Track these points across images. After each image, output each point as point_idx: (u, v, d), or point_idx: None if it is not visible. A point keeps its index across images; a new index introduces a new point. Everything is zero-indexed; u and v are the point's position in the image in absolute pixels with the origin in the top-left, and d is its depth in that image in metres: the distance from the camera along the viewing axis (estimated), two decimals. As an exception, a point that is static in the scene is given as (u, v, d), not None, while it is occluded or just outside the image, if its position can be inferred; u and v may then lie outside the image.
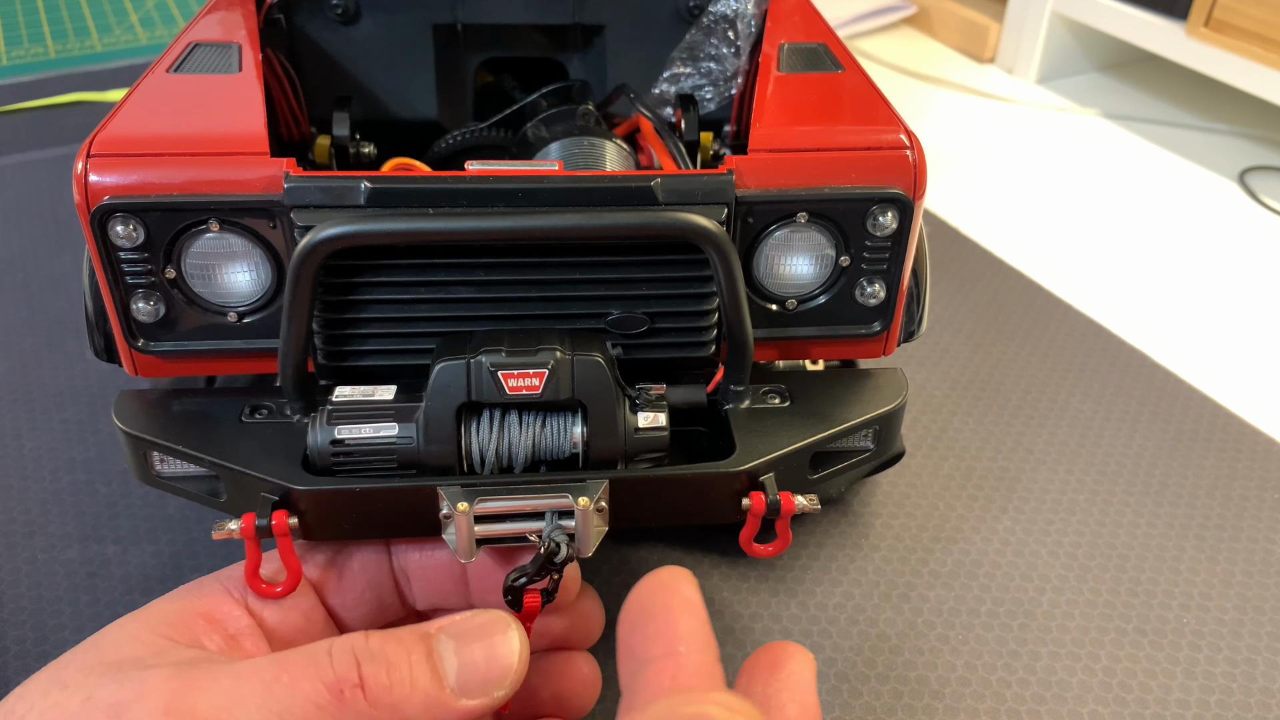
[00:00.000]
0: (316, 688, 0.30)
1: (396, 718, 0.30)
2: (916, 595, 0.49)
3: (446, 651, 0.32)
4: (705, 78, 0.54)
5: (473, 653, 0.32)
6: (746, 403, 0.40)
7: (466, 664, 0.32)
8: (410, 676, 0.31)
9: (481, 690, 0.32)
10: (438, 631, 0.33)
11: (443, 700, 0.31)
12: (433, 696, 0.31)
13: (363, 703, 0.30)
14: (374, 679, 0.30)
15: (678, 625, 0.30)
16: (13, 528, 0.51)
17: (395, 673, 0.31)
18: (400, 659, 0.31)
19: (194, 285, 0.39)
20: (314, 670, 0.30)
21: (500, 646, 0.32)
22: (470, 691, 0.32)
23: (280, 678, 0.30)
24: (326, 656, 0.31)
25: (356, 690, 0.30)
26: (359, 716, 0.30)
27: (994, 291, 0.71)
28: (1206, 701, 0.44)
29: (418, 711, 0.31)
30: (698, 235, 0.36)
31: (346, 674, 0.30)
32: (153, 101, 0.41)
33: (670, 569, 0.32)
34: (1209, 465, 0.57)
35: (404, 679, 0.31)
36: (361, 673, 0.30)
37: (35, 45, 1.09)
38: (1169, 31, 0.92)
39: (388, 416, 0.36)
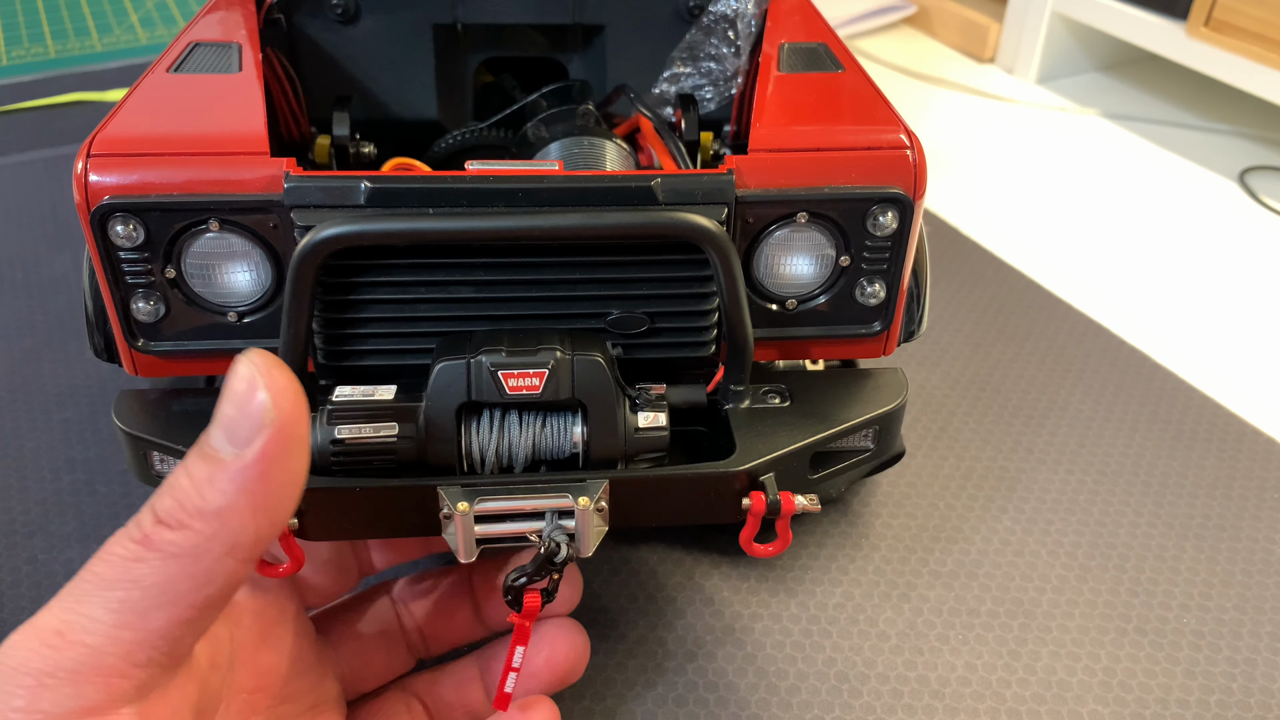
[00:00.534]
0: (128, 547, 0.28)
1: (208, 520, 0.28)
2: (916, 595, 0.49)
3: (214, 433, 0.29)
4: (705, 78, 0.54)
5: (224, 410, 0.29)
6: (746, 403, 0.40)
7: (226, 425, 0.29)
8: (190, 480, 0.29)
9: (253, 429, 0.29)
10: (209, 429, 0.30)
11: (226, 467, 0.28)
12: (217, 472, 0.28)
13: (168, 532, 0.28)
14: (164, 507, 0.29)
15: None
16: (13, 528, 0.51)
17: (178, 489, 0.29)
18: (179, 475, 0.29)
19: (194, 285, 0.39)
20: (124, 535, 0.29)
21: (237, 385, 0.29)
22: (245, 440, 0.29)
23: (101, 558, 0.29)
24: (134, 520, 0.29)
25: (158, 526, 0.28)
26: (174, 545, 0.28)
27: (994, 291, 0.71)
28: (1206, 701, 0.44)
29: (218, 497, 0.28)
30: (698, 235, 0.36)
31: (147, 521, 0.29)
32: (153, 101, 0.41)
33: None
34: (1209, 465, 0.57)
35: (185, 486, 0.29)
36: (154, 511, 0.29)
37: (35, 45, 1.09)
38: (1169, 31, 0.92)
39: (388, 416, 0.36)
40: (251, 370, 0.29)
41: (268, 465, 0.29)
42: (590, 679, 0.44)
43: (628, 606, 0.48)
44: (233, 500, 0.29)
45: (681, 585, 0.49)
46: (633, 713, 0.43)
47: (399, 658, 0.42)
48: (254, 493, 0.29)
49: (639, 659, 0.45)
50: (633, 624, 0.47)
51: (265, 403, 0.29)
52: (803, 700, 0.44)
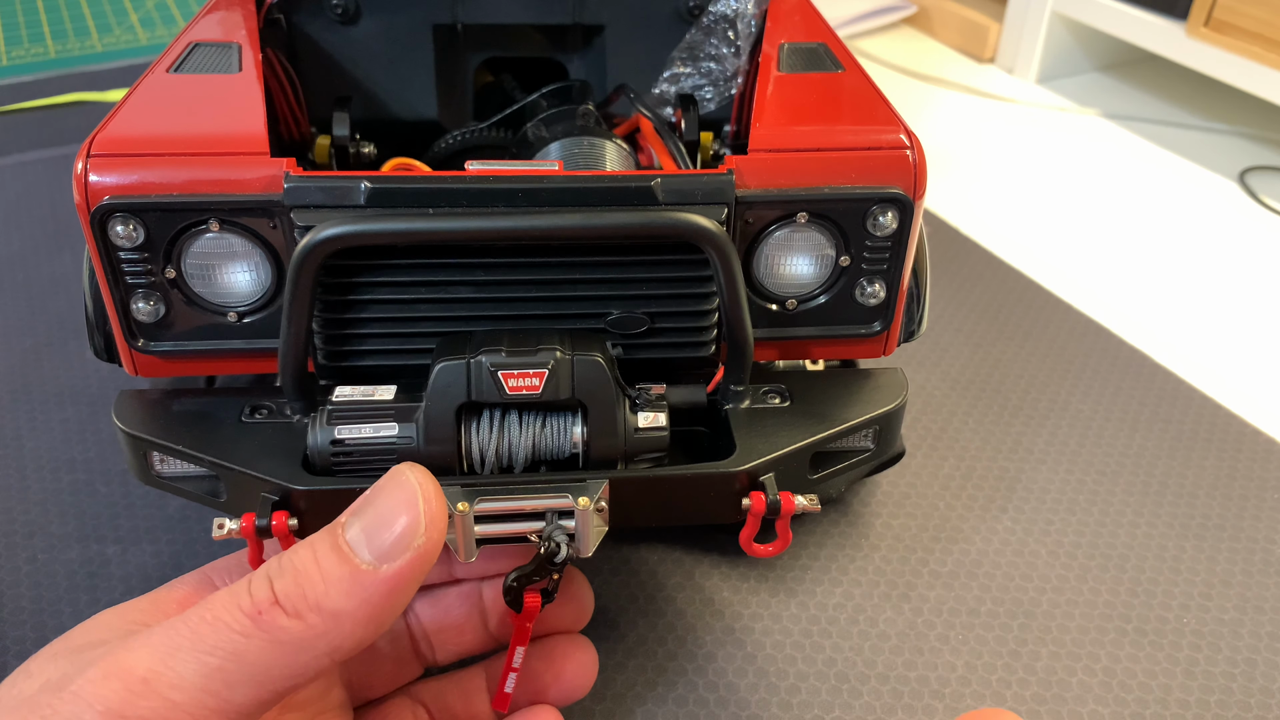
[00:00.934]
0: (236, 616, 0.29)
1: (324, 618, 0.29)
2: (916, 595, 0.49)
3: (353, 530, 0.30)
4: (705, 78, 0.54)
5: (371, 512, 0.30)
6: (746, 403, 0.40)
7: (369, 525, 0.30)
8: (319, 571, 0.29)
9: (398, 545, 0.29)
10: (344, 517, 0.31)
11: (360, 576, 0.29)
12: (349, 577, 0.29)
13: (282, 616, 0.28)
14: (285, 590, 0.29)
15: None
16: (13, 528, 0.51)
17: (302, 575, 0.29)
18: (306, 560, 0.29)
19: (194, 285, 0.39)
20: (233, 601, 0.29)
21: (396, 493, 0.30)
22: (388, 553, 0.29)
23: (204, 617, 0.29)
24: (245, 586, 0.29)
25: (274, 607, 0.28)
26: (285, 632, 0.28)
27: (994, 291, 0.71)
28: (1206, 701, 0.44)
29: (342, 600, 0.29)
30: (698, 235, 0.36)
31: (261, 595, 0.29)
32: (153, 101, 0.41)
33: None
34: (1209, 465, 0.57)
35: (313, 576, 0.29)
36: (274, 589, 0.29)
37: (35, 45, 1.09)
38: (1169, 31, 0.92)
39: (388, 416, 0.36)
40: (414, 486, 0.30)
41: (399, 585, 0.29)
42: (590, 679, 0.44)
43: (628, 606, 0.48)
44: (355, 609, 0.29)
45: (681, 585, 0.49)
46: (633, 713, 0.43)
47: (406, 666, 0.42)
48: (376, 606, 0.29)
49: (639, 659, 0.45)
50: (633, 624, 0.47)
51: (419, 527, 0.30)
52: (803, 700, 0.44)
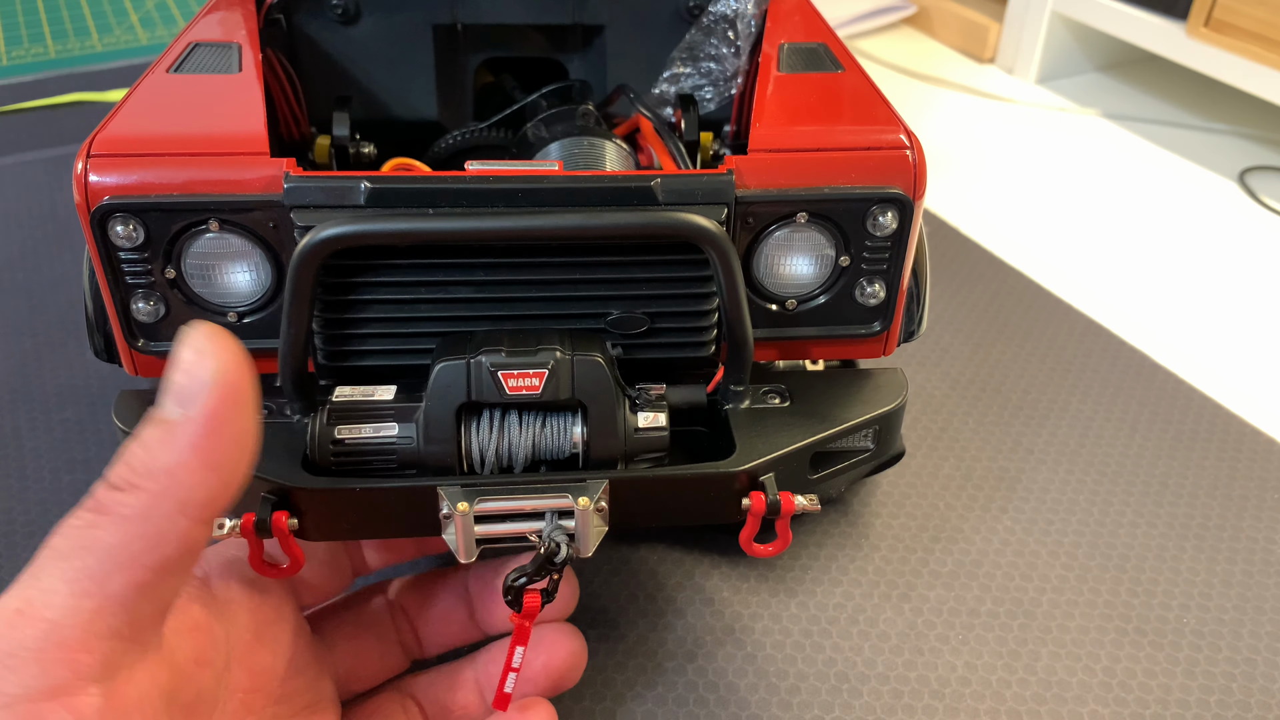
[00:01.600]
0: (80, 514, 0.28)
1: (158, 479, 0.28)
2: (916, 595, 0.49)
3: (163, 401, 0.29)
4: (705, 78, 0.54)
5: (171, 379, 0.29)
6: (746, 403, 0.40)
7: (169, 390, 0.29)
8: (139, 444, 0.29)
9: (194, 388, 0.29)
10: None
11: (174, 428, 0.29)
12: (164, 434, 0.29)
13: (119, 495, 0.28)
14: (115, 473, 0.28)
15: None
16: (13, 528, 0.51)
17: (128, 454, 0.29)
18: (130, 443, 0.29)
19: (194, 285, 0.39)
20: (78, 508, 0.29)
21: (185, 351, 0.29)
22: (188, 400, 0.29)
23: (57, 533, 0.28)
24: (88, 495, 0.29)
25: (110, 491, 0.28)
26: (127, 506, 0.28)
27: (994, 291, 0.71)
28: (1206, 701, 0.44)
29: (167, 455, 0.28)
30: (697, 235, 0.36)
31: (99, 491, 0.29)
32: (153, 101, 0.41)
33: None
34: (1209, 465, 0.57)
35: (135, 450, 0.29)
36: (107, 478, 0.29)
37: (35, 45, 1.09)
38: (1169, 31, 0.92)
39: (388, 416, 0.36)
40: (198, 338, 0.29)
41: (216, 423, 0.29)
42: (590, 679, 0.44)
43: (628, 606, 0.48)
44: (183, 458, 0.28)
45: (681, 585, 0.49)
46: (633, 713, 0.43)
47: (394, 659, 0.42)
48: (203, 449, 0.29)
49: (639, 659, 0.45)
50: (633, 624, 0.47)
51: (211, 365, 0.29)
52: (803, 700, 0.44)
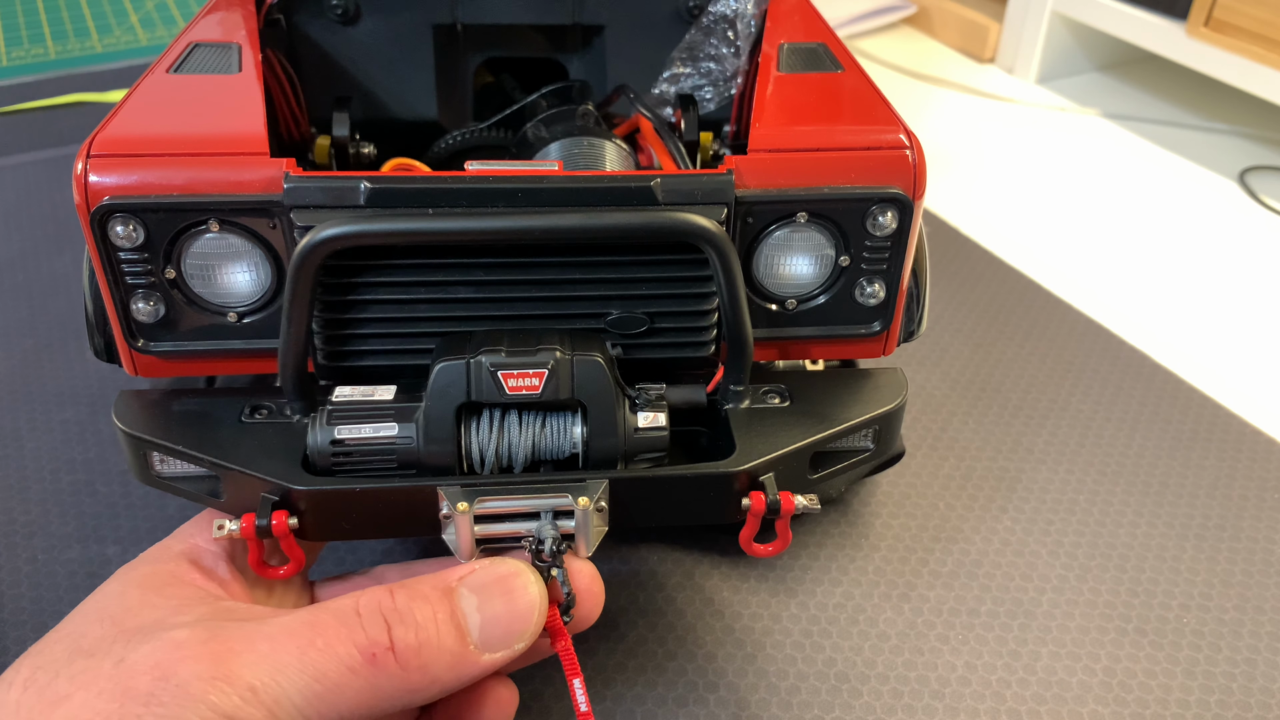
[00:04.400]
0: (349, 651, 0.30)
1: (424, 677, 0.31)
2: (916, 595, 0.49)
3: (469, 607, 0.32)
4: (705, 78, 0.54)
5: (494, 607, 0.33)
6: (746, 403, 0.40)
7: (489, 619, 0.32)
8: (437, 638, 0.31)
9: (503, 643, 0.33)
10: (458, 584, 0.33)
11: (467, 657, 0.32)
12: (458, 654, 0.32)
13: (394, 665, 0.31)
14: (403, 641, 0.31)
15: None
16: (13, 528, 0.51)
17: (423, 634, 0.31)
18: (427, 619, 0.32)
19: (194, 285, 0.39)
20: (346, 633, 0.31)
21: (520, 600, 0.33)
22: (493, 646, 0.32)
23: (315, 641, 0.30)
24: (356, 617, 0.31)
25: (388, 653, 0.31)
26: (389, 677, 0.31)
27: (994, 291, 0.71)
28: (1206, 701, 0.44)
29: (444, 670, 0.31)
30: (697, 235, 0.36)
31: (378, 637, 0.31)
32: (153, 102, 0.41)
33: None
34: (1209, 465, 0.57)
35: (431, 640, 0.31)
36: (391, 635, 0.31)
37: (35, 46, 1.09)
38: (1169, 31, 0.92)
39: (388, 416, 0.36)
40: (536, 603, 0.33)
41: (489, 671, 0.33)
42: (590, 679, 0.44)
43: (628, 606, 0.48)
44: (450, 681, 0.32)
45: (681, 585, 0.49)
46: (632, 713, 0.43)
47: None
48: (463, 683, 0.32)
49: (639, 659, 0.45)
50: (633, 624, 0.47)
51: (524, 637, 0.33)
52: (803, 700, 0.44)
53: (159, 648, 0.30)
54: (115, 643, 0.31)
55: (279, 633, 0.31)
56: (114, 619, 0.32)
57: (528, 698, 0.44)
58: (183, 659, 0.29)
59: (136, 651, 0.30)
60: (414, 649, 0.31)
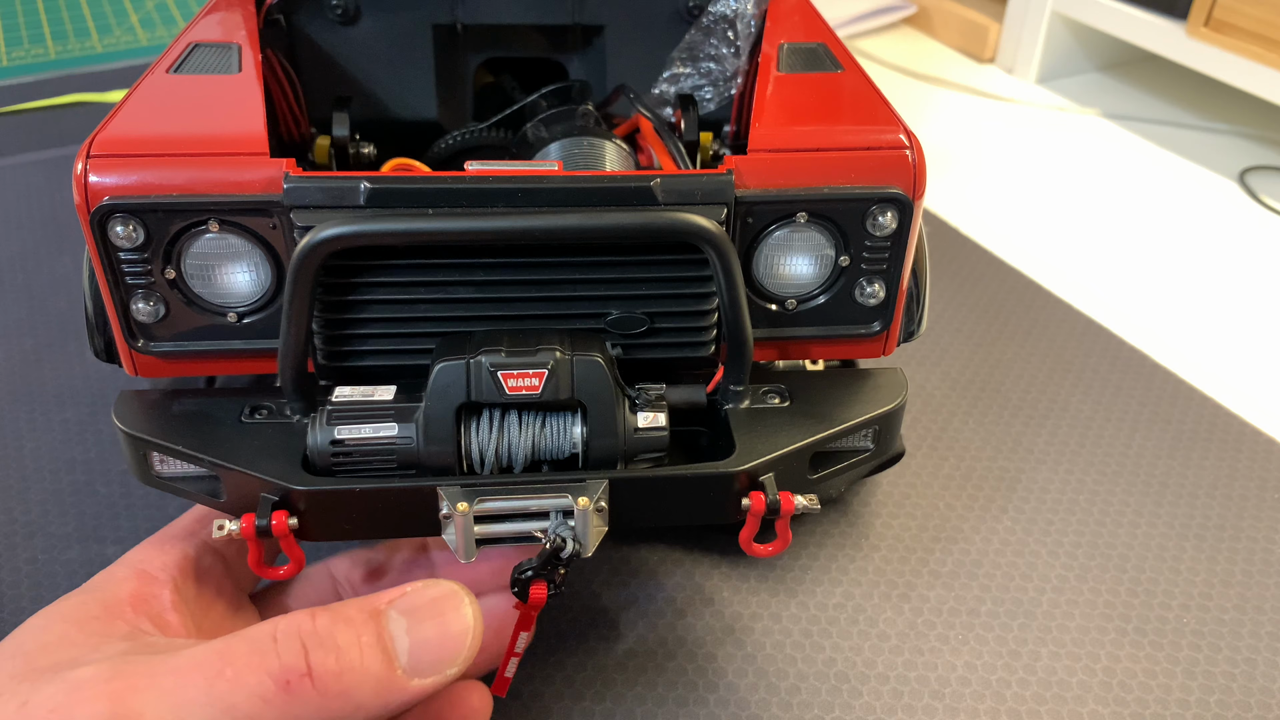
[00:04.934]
0: (262, 680, 0.28)
1: (346, 703, 0.29)
2: (916, 595, 0.49)
3: (398, 630, 0.31)
4: (705, 78, 0.54)
5: (425, 630, 0.31)
6: (746, 403, 0.40)
7: (419, 643, 0.31)
8: (360, 662, 0.30)
9: (435, 669, 0.31)
10: (387, 607, 0.31)
11: (394, 683, 0.30)
12: (384, 680, 0.30)
13: (310, 691, 0.29)
14: (322, 666, 0.29)
15: None
16: (13, 528, 0.51)
17: (345, 658, 0.29)
18: (350, 643, 0.30)
19: (194, 286, 0.39)
20: (259, 661, 0.29)
21: (454, 623, 0.31)
22: (423, 671, 0.31)
23: (224, 671, 0.28)
24: (271, 643, 0.29)
25: (304, 680, 0.29)
26: (307, 705, 0.29)
27: (994, 291, 0.71)
28: (1206, 701, 0.44)
29: (369, 696, 0.30)
30: (697, 235, 0.36)
31: (293, 663, 0.29)
32: (153, 102, 0.41)
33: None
34: (1209, 465, 0.57)
35: (354, 665, 0.29)
36: (309, 660, 0.29)
37: (35, 46, 1.09)
38: (1169, 31, 0.92)
39: (387, 416, 0.36)
40: (469, 626, 0.31)
41: (419, 698, 0.31)
42: (590, 679, 0.44)
43: (628, 606, 0.48)
44: (376, 707, 0.30)
45: (681, 585, 0.49)
46: (632, 713, 0.43)
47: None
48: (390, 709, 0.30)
49: (639, 659, 0.45)
50: (632, 624, 0.47)
51: (457, 661, 0.31)
52: (803, 700, 0.44)
53: (60, 689, 0.29)
54: (22, 683, 0.29)
55: (186, 665, 0.29)
56: (27, 656, 0.31)
57: (527, 698, 0.44)
58: (82, 700, 0.28)
59: (39, 693, 0.29)
60: (334, 674, 0.29)
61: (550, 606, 0.47)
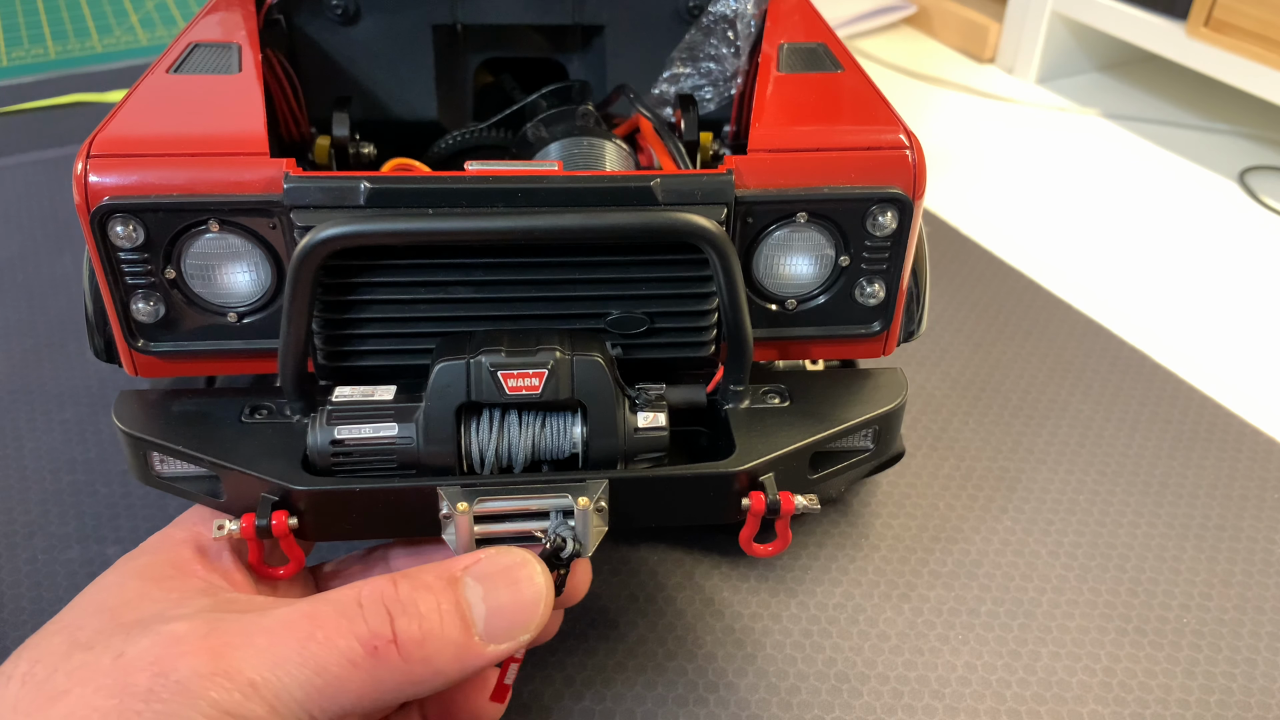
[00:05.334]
0: (351, 644, 0.30)
1: (428, 669, 0.31)
2: (916, 595, 0.49)
3: (474, 597, 0.32)
4: (705, 78, 0.54)
5: (499, 597, 0.32)
6: (746, 403, 0.40)
7: (494, 609, 0.32)
8: (441, 629, 0.31)
9: (508, 635, 0.32)
10: (463, 574, 0.33)
11: (472, 649, 0.31)
12: (463, 646, 0.31)
13: (396, 657, 0.30)
14: (406, 633, 0.30)
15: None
16: (13, 528, 0.51)
17: (426, 624, 0.31)
18: (430, 609, 0.31)
19: (194, 285, 0.39)
20: (347, 625, 0.30)
21: (526, 590, 0.33)
22: (498, 637, 0.32)
23: (315, 634, 0.30)
24: (358, 608, 0.31)
25: (390, 645, 0.30)
26: (392, 670, 0.30)
27: (994, 291, 0.71)
28: (1206, 701, 0.44)
29: (448, 662, 0.31)
30: (697, 235, 0.36)
31: (380, 629, 0.30)
32: (153, 102, 0.41)
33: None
34: (1209, 465, 0.57)
35: (435, 631, 0.31)
36: (394, 627, 0.30)
37: (35, 46, 1.09)
38: (1169, 31, 0.92)
39: (387, 416, 0.36)
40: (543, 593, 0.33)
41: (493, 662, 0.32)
42: (590, 679, 0.44)
43: (628, 606, 0.48)
44: (454, 673, 0.31)
45: (681, 585, 0.49)
46: (632, 713, 0.43)
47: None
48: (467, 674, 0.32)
49: (639, 659, 0.45)
50: (633, 624, 0.47)
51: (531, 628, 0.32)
52: (803, 700, 0.44)
53: (157, 642, 0.30)
54: (114, 636, 0.30)
55: (278, 626, 0.30)
56: (112, 611, 0.32)
57: (527, 698, 0.44)
58: (181, 654, 0.29)
59: (135, 646, 0.30)
60: (417, 640, 0.31)
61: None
